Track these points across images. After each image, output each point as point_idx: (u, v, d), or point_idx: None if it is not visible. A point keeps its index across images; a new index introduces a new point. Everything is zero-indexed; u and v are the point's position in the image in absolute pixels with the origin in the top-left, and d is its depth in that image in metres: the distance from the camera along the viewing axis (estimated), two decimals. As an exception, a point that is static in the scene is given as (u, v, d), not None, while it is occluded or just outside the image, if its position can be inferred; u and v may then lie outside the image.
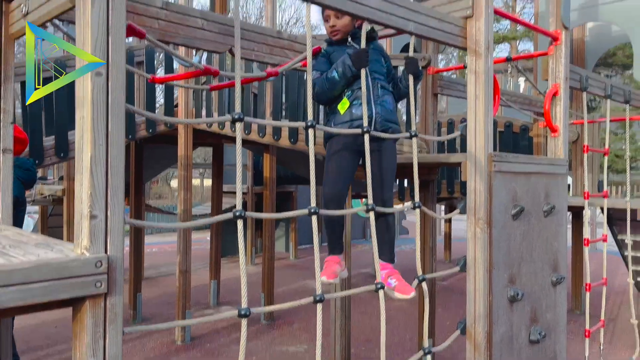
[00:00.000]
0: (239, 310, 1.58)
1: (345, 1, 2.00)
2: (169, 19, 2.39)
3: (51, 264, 1.18)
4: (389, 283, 2.41)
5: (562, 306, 3.10)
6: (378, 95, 2.42)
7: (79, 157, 1.28)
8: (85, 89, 1.27)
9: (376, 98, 2.42)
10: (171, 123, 4.26)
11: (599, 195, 3.77)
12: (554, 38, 3.13)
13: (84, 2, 1.27)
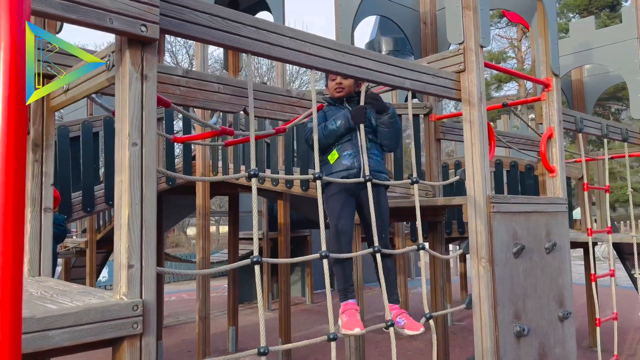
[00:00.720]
0: (258, 349, 1.75)
1: (348, 66, 2.24)
2: (189, 85, 2.66)
3: (97, 308, 1.37)
4: (398, 322, 2.53)
5: (570, 341, 3.17)
6: (367, 148, 2.58)
7: (118, 214, 1.50)
8: (123, 156, 1.49)
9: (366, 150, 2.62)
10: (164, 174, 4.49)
11: (604, 231, 3.88)
12: (545, 85, 3.35)
13: (122, 86, 1.51)
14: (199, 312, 4.98)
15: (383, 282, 2.34)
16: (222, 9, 1.85)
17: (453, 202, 3.26)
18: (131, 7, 1.48)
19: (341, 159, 2.56)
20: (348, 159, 2.54)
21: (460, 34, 2.79)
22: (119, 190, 1.50)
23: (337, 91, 2.70)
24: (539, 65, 3.44)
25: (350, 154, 2.56)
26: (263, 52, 1.96)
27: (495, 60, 31.32)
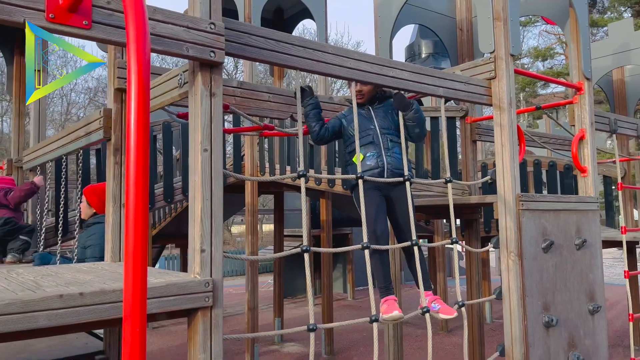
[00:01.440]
0: (308, 325, 2.04)
1: (384, 77, 2.50)
2: (243, 95, 2.98)
3: (177, 283, 1.69)
4: (432, 307, 2.73)
5: (601, 334, 3.31)
6: (388, 148, 2.72)
7: (192, 209, 1.82)
8: (196, 161, 1.81)
9: (386, 151, 2.72)
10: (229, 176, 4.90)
11: (638, 229, 3.97)
12: (577, 89, 3.49)
13: (195, 102, 1.83)
14: (248, 303, 5.33)
15: (419, 271, 2.58)
16: (273, 32, 2.15)
17: (486, 200, 3.45)
18: (203, 38, 1.79)
19: (365, 160, 2.72)
20: (372, 160, 2.70)
21: (491, 44, 2.99)
22: (193, 188, 1.82)
23: (358, 98, 2.76)
24: (572, 69, 3.59)
25: (373, 155, 2.70)
26: (310, 68, 2.25)
27: (542, 57, 30.62)
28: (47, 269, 2.24)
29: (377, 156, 2.71)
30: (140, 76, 1.08)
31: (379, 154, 2.71)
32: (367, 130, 2.74)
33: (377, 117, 2.79)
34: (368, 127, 2.75)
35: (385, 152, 2.72)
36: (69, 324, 1.50)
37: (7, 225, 3.70)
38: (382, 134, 2.74)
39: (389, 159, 2.71)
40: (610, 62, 5.40)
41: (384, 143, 2.73)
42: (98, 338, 2.77)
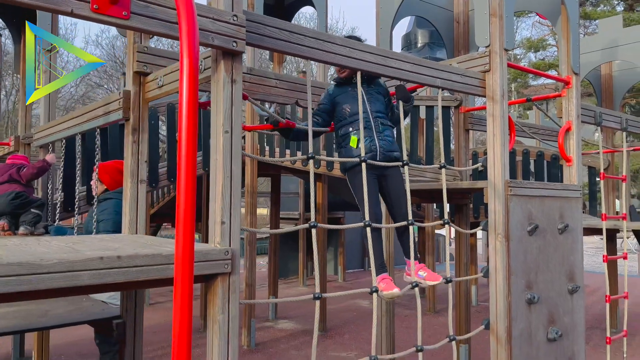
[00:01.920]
0: (314, 294, 2.25)
1: (387, 68, 2.68)
2: (251, 80, 3.15)
3: (200, 250, 1.88)
4: (419, 275, 2.90)
5: (579, 312, 3.56)
6: (379, 131, 2.80)
7: (213, 185, 2.00)
8: (218, 141, 1.99)
9: (378, 134, 2.80)
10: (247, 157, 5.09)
11: (618, 217, 4.21)
12: (565, 82, 3.70)
13: (217, 88, 2.00)
14: (246, 280, 5.55)
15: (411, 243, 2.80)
16: (287, 24, 2.32)
17: (477, 185, 3.66)
18: (226, 28, 1.96)
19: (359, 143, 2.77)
20: (365, 143, 2.77)
21: (487, 38, 3.18)
22: (214, 167, 2.00)
23: (342, 72, 2.85)
24: (561, 64, 3.79)
25: (366, 139, 2.78)
26: (320, 58, 2.42)
27: (535, 48, 30.88)
28: (74, 238, 2.42)
29: (370, 140, 2.79)
30: (191, 65, 1.25)
31: (372, 138, 2.79)
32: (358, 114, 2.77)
33: (369, 100, 2.85)
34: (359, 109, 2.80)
35: (378, 136, 2.80)
36: (107, 283, 1.69)
37: (18, 199, 3.85)
38: (374, 117, 2.82)
39: (382, 142, 2.79)
40: (599, 57, 5.61)
41: (375, 126, 2.81)
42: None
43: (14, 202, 3.83)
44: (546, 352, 3.29)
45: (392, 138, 2.87)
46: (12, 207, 3.84)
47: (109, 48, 22.72)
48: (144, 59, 2.71)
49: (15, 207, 3.83)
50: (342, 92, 2.90)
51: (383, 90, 2.97)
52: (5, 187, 3.89)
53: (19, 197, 3.85)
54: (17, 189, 3.91)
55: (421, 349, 2.59)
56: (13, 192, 3.86)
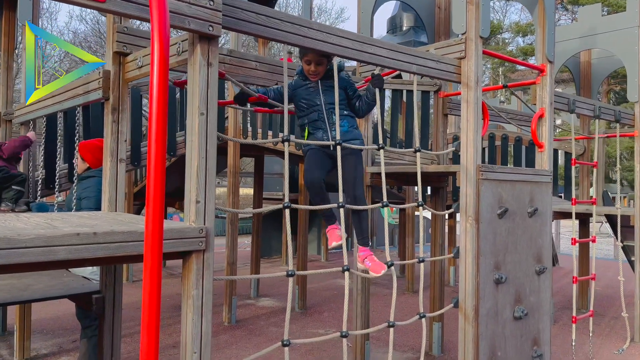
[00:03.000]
0: (287, 271, 2.34)
1: (363, 53, 2.75)
2: (232, 62, 3.19)
3: (176, 228, 1.96)
4: (366, 263, 2.99)
5: (545, 292, 3.72)
6: (332, 122, 2.84)
7: (189, 165, 2.07)
8: (193, 123, 2.05)
9: (331, 126, 2.84)
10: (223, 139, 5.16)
11: (588, 202, 4.36)
12: (540, 70, 3.79)
13: (194, 71, 2.05)
14: (228, 259, 5.64)
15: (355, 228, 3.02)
16: (265, 8, 2.36)
17: (450, 169, 3.75)
18: (202, 13, 2.01)
19: (314, 136, 2.91)
20: (318, 135, 2.87)
21: (463, 25, 3.25)
22: (190, 147, 2.06)
23: (314, 77, 2.86)
24: (537, 52, 3.87)
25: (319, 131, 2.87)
26: (297, 43, 2.48)
27: (523, 32, 30.96)
28: (53, 215, 2.48)
29: (323, 132, 2.86)
30: (162, 49, 1.31)
31: (324, 130, 2.85)
32: (313, 107, 2.88)
33: (323, 93, 2.86)
34: (314, 102, 2.87)
35: (330, 127, 2.85)
36: (83, 258, 1.76)
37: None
38: (327, 109, 2.86)
39: (334, 134, 2.80)
40: (578, 44, 5.71)
41: (328, 118, 2.86)
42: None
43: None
44: (512, 329, 3.44)
45: (347, 127, 2.91)
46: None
47: (94, 23, 22.35)
48: (123, 40, 2.74)
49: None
50: (301, 86, 2.95)
51: (342, 82, 2.93)
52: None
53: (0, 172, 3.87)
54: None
55: (392, 325, 2.71)
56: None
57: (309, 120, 2.91)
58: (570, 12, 27.97)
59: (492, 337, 3.30)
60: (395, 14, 7.99)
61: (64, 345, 4.83)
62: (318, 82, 2.88)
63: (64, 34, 29.34)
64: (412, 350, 4.84)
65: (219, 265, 7.69)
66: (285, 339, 2.27)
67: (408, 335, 5.21)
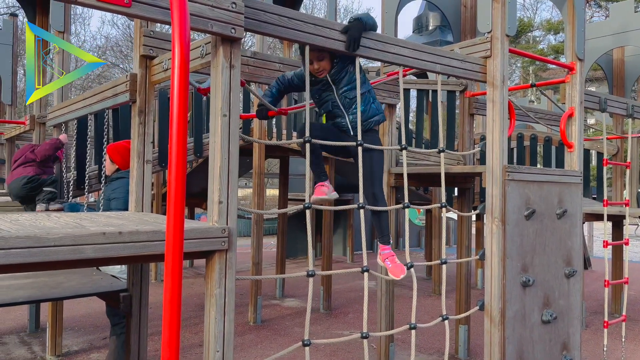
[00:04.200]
0: (308, 272, 2.35)
1: (386, 53, 2.73)
2: (256, 64, 3.22)
3: (199, 228, 1.99)
4: (387, 264, 2.92)
5: (575, 296, 3.63)
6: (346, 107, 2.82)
7: (212, 166, 2.09)
8: (216, 124, 2.08)
9: (347, 110, 2.83)
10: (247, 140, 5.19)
11: (620, 203, 4.24)
12: (569, 68, 3.70)
13: (217, 73, 2.08)
14: (253, 259, 5.69)
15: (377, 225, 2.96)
16: (286, 10, 2.38)
17: (476, 170, 3.70)
18: (225, 16, 2.03)
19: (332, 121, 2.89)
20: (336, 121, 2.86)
21: (489, 24, 3.20)
22: (213, 149, 2.09)
23: (320, 74, 2.81)
24: (566, 49, 3.79)
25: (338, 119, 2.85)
26: (320, 44, 2.48)
27: (555, 30, 30.30)
28: (82, 215, 2.55)
29: (341, 118, 2.84)
30: (182, 51, 1.34)
31: (342, 116, 2.84)
32: (326, 100, 2.85)
33: (335, 83, 2.80)
34: (326, 96, 2.84)
35: (347, 112, 2.82)
36: (109, 256, 1.80)
37: (29, 184, 4.03)
38: (340, 94, 2.81)
39: (351, 117, 2.81)
40: (610, 41, 5.56)
41: (344, 105, 2.82)
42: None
43: (25, 187, 4.02)
44: (540, 333, 3.37)
45: (363, 107, 2.84)
46: (25, 191, 4.03)
47: (125, 28, 22.84)
48: (150, 43, 2.79)
49: (29, 191, 4.01)
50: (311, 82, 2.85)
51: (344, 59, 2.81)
52: (20, 170, 4.06)
53: (30, 182, 4.03)
54: (30, 171, 4.06)
55: (414, 327, 2.69)
56: (25, 177, 4.03)
57: (324, 110, 2.91)
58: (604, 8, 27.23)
59: (520, 341, 3.24)
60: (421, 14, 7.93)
61: (95, 342, 4.95)
62: (327, 76, 2.79)
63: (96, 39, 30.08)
64: (437, 352, 4.79)
65: (245, 266, 7.77)
66: (306, 339, 2.28)
67: (434, 337, 5.15)
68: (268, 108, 2.86)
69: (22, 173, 4.05)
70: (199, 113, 5.19)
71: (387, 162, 4.00)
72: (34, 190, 4.04)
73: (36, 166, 4.09)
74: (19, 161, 4.14)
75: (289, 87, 2.97)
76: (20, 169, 4.07)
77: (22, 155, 4.16)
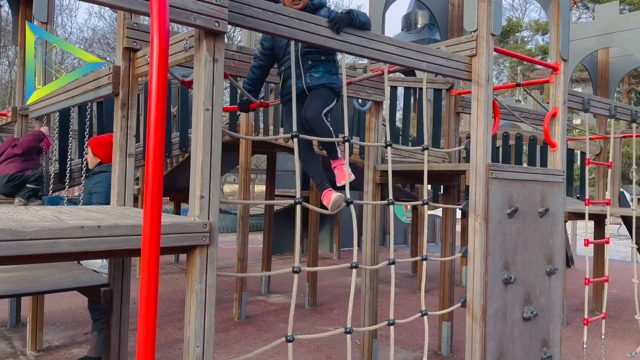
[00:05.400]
0: (293, 268, 2.34)
1: (371, 50, 2.73)
2: (241, 59, 3.20)
3: (180, 223, 1.97)
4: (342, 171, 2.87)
5: (556, 293, 3.67)
6: (307, 69, 2.78)
7: (194, 160, 2.08)
8: (199, 118, 2.06)
9: (305, 71, 2.78)
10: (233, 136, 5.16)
11: (602, 202, 4.29)
12: (554, 69, 3.73)
13: (200, 67, 2.06)
14: (238, 254, 5.67)
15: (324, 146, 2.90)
16: (271, 5, 2.36)
17: (460, 167, 3.72)
18: (208, 9, 2.01)
19: (285, 83, 2.86)
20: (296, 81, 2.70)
21: (475, 23, 3.21)
22: (195, 143, 2.07)
23: (295, 3, 2.74)
24: (550, 49, 3.82)
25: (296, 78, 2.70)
26: (304, 39, 2.47)
27: (543, 30, 30.52)
28: (62, 208, 2.51)
29: (298, 79, 2.76)
30: (161, 44, 1.32)
31: (299, 76, 2.78)
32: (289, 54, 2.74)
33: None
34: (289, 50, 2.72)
35: (305, 74, 2.79)
36: (87, 250, 1.78)
37: (11, 182, 3.97)
38: (303, 54, 2.78)
39: (308, 79, 2.77)
40: (595, 42, 5.61)
41: (303, 64, 2.79)
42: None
43: (7, 185, 3.96)
44: (521, 330, 3.40)
45: (321, 74, 2.82)
46: (9, 189, 3.97)
47: (112, 20, 22.59)
48: (133, 35, 2.76)
49: (12, 189, 3.96)
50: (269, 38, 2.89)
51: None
52: (2, 167, 4.01)
53: (12, 179, 3.96)
54: (12, 168, 4.00)
55: (393, 323, 2.71)
56: (6, 176, 3.97)
57: (284, 68, 2.83)
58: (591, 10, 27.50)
59: (500, 338, 3.27)
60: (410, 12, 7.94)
61: (76, 337, 4.90)
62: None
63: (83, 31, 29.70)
64: (421, 349, 4.81)
65: (231, 262, 7.75)
66: (289, 335, 2.28)
67: (418, 334, 5.18)
68: (250, 100, 2.84)
69: (4, 171, 4.00)
70: (184, 107, 5.16)
71: (373, 159, 4.01)
72: (17, 188, 3.98)
73: (19, 161, 4.03)
74: (1, 158, 4.08)
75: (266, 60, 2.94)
76: (2, 166, 4.01)
77: (3, 152, 4.10)
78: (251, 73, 2.98)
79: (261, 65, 2.98)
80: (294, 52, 2.47)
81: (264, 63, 2.98)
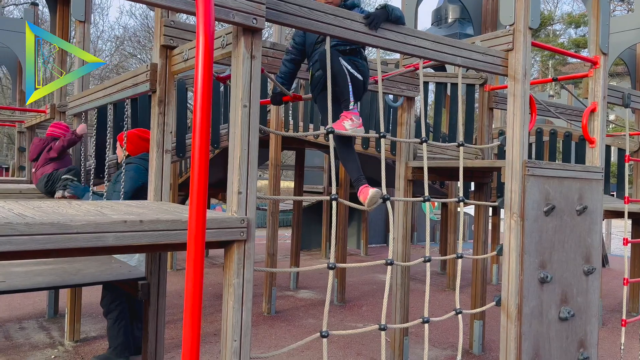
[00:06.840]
0: (328, 264, 2.34)
1: (407, 45, 2.71)
2: (275, 55, 3.21)
3: (218, 218, 1.99)
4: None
5: (593, 293, 3.58)
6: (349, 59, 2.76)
7: (231, 156, 2.10)
8: (237, 115, 2.08)
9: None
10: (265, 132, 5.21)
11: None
12: (593, 62, 3.63)
13: (237, 63, 2.08)
14: (268, 250, 5.72)
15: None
16: (307, 1, 2.36)
17: (495, 164, 3.66)
18: (246, 6, 2.03)
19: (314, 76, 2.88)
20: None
21: (512, 17, 3.15)
22: (233, 139, 2.09)
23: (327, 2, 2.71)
24: (590, 43, 3.72)
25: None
26: (339, 35, 2.46)
27: (576, 23, 29.74)
28: (104, 203, 2.57)
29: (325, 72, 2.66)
30: (207, 42, 1.33)
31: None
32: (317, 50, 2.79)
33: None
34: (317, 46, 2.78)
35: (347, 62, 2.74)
36: (130, 244, 1.82)
37: (49, 181, 4.15)
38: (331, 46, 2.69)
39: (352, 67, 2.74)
40: (634, 36, 5.44)
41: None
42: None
43: (47, 185, 4.14)
44: (557, 330, 3.33)
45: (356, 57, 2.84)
46: (47, 189, 4.15)
47: (143, 18, 22.96)
48: (170, 33, 2.80)
49: (51, 187, 4.13)
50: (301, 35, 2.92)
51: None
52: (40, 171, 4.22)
53: (50, 180, 4.15)
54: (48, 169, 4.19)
55: (427, 321, 2.69)
56: (45, 176, 4.16)
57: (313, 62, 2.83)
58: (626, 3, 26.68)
59: (536, 337, 3.21)
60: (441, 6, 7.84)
61: (112, 329, 5.02)
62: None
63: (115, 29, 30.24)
64: (452, 347, 4.77)
65: (260, 257, 7.82)
66: (324, 330, 2.28)
67: (449, 332, 5.14)
68: (283, 93, 2.86)
69: (43, 173, 4.20)
70: (215, 103, 5.20)
71: (405, 155, 3.98)
72: (54, 184, 4.16)
73: (55, 163, 4.21)
74: (39, 163, 4.27)
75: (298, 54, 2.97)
76: (40, 170, 4.22)
77: (38, 155, 4.28)
78: (284, 66, 3.02)
79: (293, 59, 3.01)
80: (329, 48, 2.47)
81: (296, 57, 3.02)
